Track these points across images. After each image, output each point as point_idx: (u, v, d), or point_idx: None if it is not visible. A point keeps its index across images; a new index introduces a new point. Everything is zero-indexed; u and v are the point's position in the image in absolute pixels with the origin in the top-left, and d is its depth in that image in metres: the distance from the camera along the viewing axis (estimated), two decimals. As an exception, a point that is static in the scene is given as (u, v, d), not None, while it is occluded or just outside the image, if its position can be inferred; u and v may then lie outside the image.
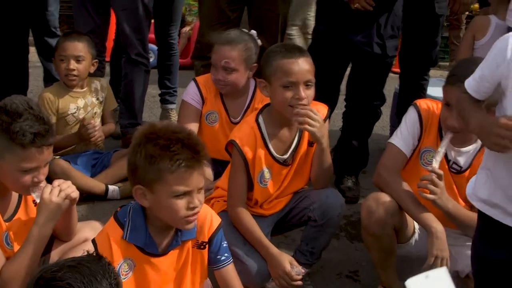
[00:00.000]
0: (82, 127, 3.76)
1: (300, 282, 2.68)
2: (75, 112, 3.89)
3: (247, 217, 2.77)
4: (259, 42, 3.45)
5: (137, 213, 2.20)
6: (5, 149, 2.32)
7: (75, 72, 3.81)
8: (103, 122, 4.06)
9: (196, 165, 2.07)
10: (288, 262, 2.68)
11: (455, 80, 2.57)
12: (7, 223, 2.46)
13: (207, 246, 2.31)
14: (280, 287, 2.70)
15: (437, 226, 2.60)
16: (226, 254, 2.38)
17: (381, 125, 4.62)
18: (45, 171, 2.42)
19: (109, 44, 5.12)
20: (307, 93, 2.70)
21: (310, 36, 5.87)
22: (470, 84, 2.08)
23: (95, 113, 3.99)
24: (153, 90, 4.78)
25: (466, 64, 2.61)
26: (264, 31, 3.71)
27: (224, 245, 2.37)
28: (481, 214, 2.08)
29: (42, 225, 2.35)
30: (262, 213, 2.89)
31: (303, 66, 2.70)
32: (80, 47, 3.83)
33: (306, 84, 2.70)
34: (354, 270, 3.21)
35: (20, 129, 2.29)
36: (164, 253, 2.23)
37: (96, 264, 1.62)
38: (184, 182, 2.06)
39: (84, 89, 3.95)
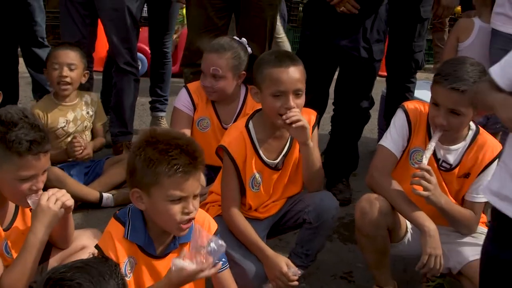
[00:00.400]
0: (69, 143, 3.79)
1: (296, 283, 2.70)
2: (65, 126, 3.90)
3: (241, 220, 2.80)
4: (249, 49, 3.49)
5: (136, 214, 2.24)
6: (2, 159, 2.34)
7: (68, 79, 3.83)
8: (93, 136, 4.08)
9: (193, 171, 2.11)
10: (285, 263, 2.70)
11: (441, 79, 2.64)
12: (5, 232, 2.48)
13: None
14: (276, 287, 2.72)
15: (430, 225, 2.65)
16: (223, 259, 2.39)
17: (369, 128, 4.67)
18: (43, 178, 2.44)
19: (97, 55, 5.13)
20: (297, 102, 2.74)
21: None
22: (494, 69, 2.06)
23: (85, 126, 4.00)
24: (141, 99, 4.80)
25: (452, 63, 2.69)
26: (252, 38, 3.74)
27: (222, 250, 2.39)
28: (494, 213, 2.08)
29: (38, 232, 2.37)
30: (257, 217, 2.92)
31: (292, 75, 2.73)
32: (72, 56, 3.86)
33: (296, 93, 2.74)
34: (348, 271, 3.26)
35: (16, 137, 2.31)
36: (162, 255, 2.26)
37: (103, 265, 1.66)
38: (180, 187, 2.10)
39: (74, 102, 3.96)
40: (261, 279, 2.74)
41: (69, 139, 3.88)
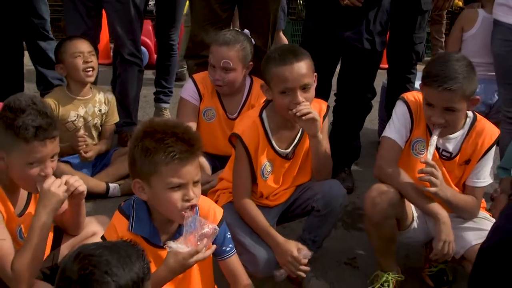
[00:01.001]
0: (74, 137, 3.84)
1: (307, 268, 2.75)
2: (75, 120, 3.94)
3: (252, 208, 2.85)
4: (253, 41, 3.54)
5: (140, 206, 2.27)
6: (11, 145, 2.40)
7: (92, 64, 3.89)
8: (100, 136, 4.12)
9: (190, 158, 2.13)
10: (295, 247, 2.75)
11: (430, 81, 2.68)
12: (19, 218, 2.54)
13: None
14: (289, 272, 2.77)
15: (443, 213, 2.73)
16: (230, 245, 2.43)
17: (370, 119, 4.72)
18: (52, 164, 2.48)
19: (100, 46, 5.18)
20: (305, 96, 2.78)
21: None
22: None
23: (95, 124, 4.04)
24: (143, 91, 4.85)
25: (438, 63, 2.72)
26: (255, 29, 3.77)
27: (228, 236, 2.43)
28: None
29: (41, 215, 2.41)
30: (268, 204, 2.97)
31: (298, 71, 2.75)
32: (88, 44, 3.94)
33: (303, 88, 2.78)
34: (352, 257, 3.32)
35: (23, 123, 2.36)
36: None
37: (131, 248, 1.71)
38: (178, 174, 2.12)
39: (87, 97, 4.00)
40: (272, 266, 2.78)
41: (77, 133, 3.91)
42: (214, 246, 2.24)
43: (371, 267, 3.06)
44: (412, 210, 2.93)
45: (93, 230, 2.80)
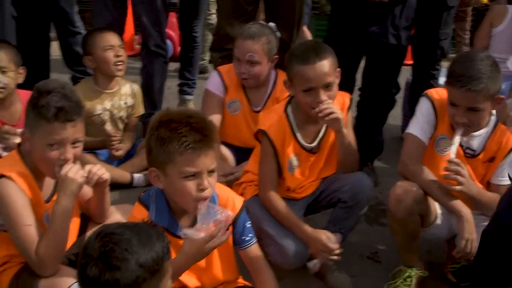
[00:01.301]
0: (107, 137, 3.87)
1: (338, 251, 2.79)
2: (101, 113, 3.96)
3: (279, 202, 2.87)
4: (278, 34, 3.55)
5: (159, 196, 2.29)
6: (34, 125, 2.44)
7: (122, 58, 3.91)
8: (125, 128, 4.14)
9: (203, 148, 2.14)
10: (324, 235, 2.78)
11: (454, 81, 2.67)
12: (46, 204, 2.57)
13: (231, 227, 2.34)
14: (323, 260, 2.80)
15: (466, 211, 2.73)
16: (250, 235, 2.44)
17: (393, 115, 4.70)
18: (75, 151, 2.49)
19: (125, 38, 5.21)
20: (328, 95, 2.78)
21: None
22: None
23: (121, 117, 4.06)
24: (167, 82, 4.88)
25: (462, 62, 2.70)
26: (281, 23, 3.77)
27: (248, 225, 2.43)
28: None
29: (61, 200, 2.44)
30: (294, 197, 2.99)
31: (320, 70, 2.75)
32: (118, 37, 3.97)
33: (326, 87, 2.78)
34: (374, 251, 3.33)
35: (46, 103, 2.39)
36: None
37: (151, 229, 1.75)
38: (192, 164, 2.13)
39: (114, 90, 4.02)
40: (302, 257, 2.82)
41: (104, 126, 3.96)
42: (230, 230, 2.26)
43: (394, 262, 3.06)
44: (435, 206, 2.93)
45: (118, 218, 2.82)
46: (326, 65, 2.77)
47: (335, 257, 2.80)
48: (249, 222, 2.45)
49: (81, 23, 4.75)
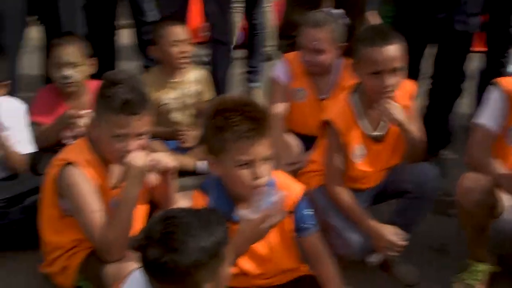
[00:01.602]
0: (175, 130, 3.92)
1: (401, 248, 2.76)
2: (168, 103, 3.97)
3: (345, 194, 2.84)
4: (346, 21, 3.50)
5: (218, 183, 2.31)
6: (102, 115, 2.48)
7: (188, 54, 3.93)
8: (196, 115, 4.13)
9: (257, 136, 2.15)
10: (390, 231, 2.76)
11: None
12: (114, 190, 2.62)
13: (291, 215, 2.36)
14: (384, 256, 2.79)
15: None
16: (310, 222, 2.43)
17: (463, 103, 4.59)
18: (140, 143, 2.53)
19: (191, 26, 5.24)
20: (394, 80, 2.74)
21: None
22: None
23: (188, 104, 4.05)
24: (235, 70, 4.90)
25: None
26: (349, 8, 3.73)
27: (308, 213, 2.43)
28: None
29: (126, 187, 2.49)
30: (359, 187, 2.95)
31: (388, 53, 2.72)
32: (185, 31, 3.95)
33: (393, 71, 2.73)
34: (442, 243, 3.27)
35: (112, 94, 2.44)
36: None
37: (212, 214, 1.81)
38: (246, 152, 2.15)
39: (182, 79, 4.02)
40: (366, 250, 2.80)
41: (171, 115, 3.98)
42: (285, 211, 2.26)
43: (462, 254, 2.99)
44: (503, 197, 2.83)
45: (183, 205, 2.84)
46: (394, 50, 2.74)
47: (397, 253, 2.77)
48: (310, 210, 2.44)
49: (155, 12, 4.76)
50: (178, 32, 3.92)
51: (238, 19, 5.30)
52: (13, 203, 3.07)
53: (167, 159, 2.59)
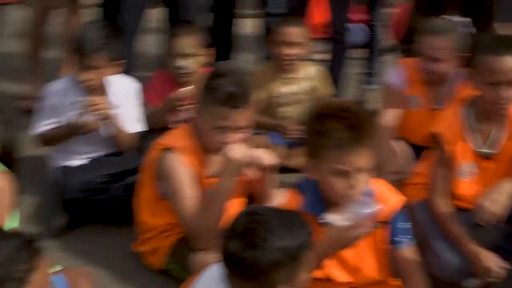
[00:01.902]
0: (282, 126, 3.86)
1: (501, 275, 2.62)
2: (278, 97, 3.94)
3: (449, 212, 2.73)
4: (470, 30, 3.34)
5: (314, 185, 2.27)
6: (205, 105, 2.51)
7: (294, 57, 3.85)
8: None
9: (355, 146, 2.11)
10: (489, 259, 2.62)
11: None
12: (211, 179, 2.64)
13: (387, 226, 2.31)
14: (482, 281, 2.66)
15: None
16: (405, 236, 2.37)
17: None
18: (241, 136, 2.55)
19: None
20: (510, 93, 2.61)
21: None
22: None
23: (300, 100, 3.99)
24: (352, 69, 4.83)
25: None
26: (476, 17, 3.60)
27: (404, 226, 2.36)
28: None
29: (222, 179, 2.51)
30: (465, 207, 2.81)
31: (508, 64, 2.59)
32: (297, 32, 3.86)
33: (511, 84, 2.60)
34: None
35: (216, 86, 2.46)
36: None
37: (297, 217, 1.83)
38: (341, 161, 2.11)
39: (296, 76, 3.97)
40: (463, 274, 2.68)
41: (281, 109, 3.95)
42: (376, 223, 2.22)
43: None
44: None
45: (279, 202, 2.83)
46: None
47: (496, 280, 2.63)
48: (407, 223, 2.37)
49: (280, 4, 4.77)
50: (291, 33, 3.84)
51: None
52: (116, 179, 3.15)
53: (266, 155, 2.59)
